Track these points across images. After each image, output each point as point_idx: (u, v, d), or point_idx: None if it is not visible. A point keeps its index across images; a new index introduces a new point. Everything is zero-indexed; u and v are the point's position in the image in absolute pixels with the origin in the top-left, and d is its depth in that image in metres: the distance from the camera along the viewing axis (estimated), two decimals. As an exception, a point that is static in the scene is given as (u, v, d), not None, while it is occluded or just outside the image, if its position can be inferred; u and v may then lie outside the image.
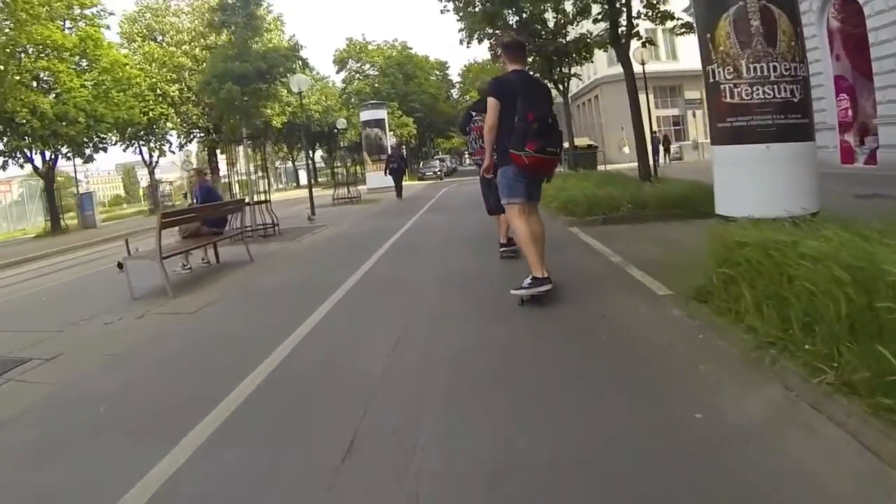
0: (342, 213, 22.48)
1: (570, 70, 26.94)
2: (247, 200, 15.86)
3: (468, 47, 26.54)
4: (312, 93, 67.89)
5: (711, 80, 9.42)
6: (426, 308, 6.95)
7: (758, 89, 8.66)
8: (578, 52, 26.85)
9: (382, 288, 8.36)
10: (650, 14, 19.26)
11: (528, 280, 6.50)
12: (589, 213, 12.61)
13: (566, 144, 29.91)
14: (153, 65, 49.48)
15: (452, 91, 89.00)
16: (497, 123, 6.53)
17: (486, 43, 27.43)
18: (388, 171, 30.55)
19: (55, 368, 6.11)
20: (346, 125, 53.02)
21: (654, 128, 47.96)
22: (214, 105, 49.35)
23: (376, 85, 73.83)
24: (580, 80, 28.14)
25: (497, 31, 25.97)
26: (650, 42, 20.52)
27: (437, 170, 60.32)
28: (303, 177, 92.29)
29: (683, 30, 20.54)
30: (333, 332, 6.34)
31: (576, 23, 26.25)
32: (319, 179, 78.07)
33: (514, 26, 26.26)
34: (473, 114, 9.81)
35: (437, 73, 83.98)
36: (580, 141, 30.56)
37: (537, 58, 26.08)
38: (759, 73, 8.65)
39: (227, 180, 17.77)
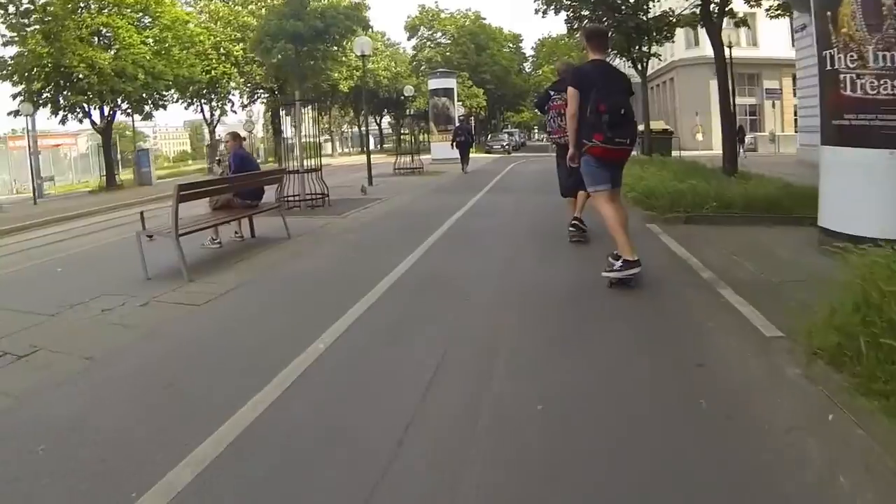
0: (401, 185, 21.51)
1: (649, 49, 25.49)
2: (294, 167, 14.93)
3: (544, 17, 25.40)
4: (381, 58, 67.13)
5: (828, 66, 8.17)
6: (478, 327, 5.70)
7: (886, 83, 7.43)
8: (660, 30, 25.40)
9: (428, 292, 7.04)
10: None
11: (619, 263, 6.67)
12: (670, 209, 11.37)
13: (641, 127, 28.73)
14: (218, 23, 49.22)
15: (525, 65, 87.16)
16: (576, 111, 6.77)
17: (562, 14, 26.14)
18: (454, 144, 29.58)
19: (21, 372, 5.13)
20: (413, 93, 51.68)
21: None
22: (268, 66, 48.03)
23: (447, 54, 72.73)
24: (659, 59, 26.67)
25: (575, 1, 24.86)
26: (743, 22, 18.91)
27: (504, 144, 58.87)
28: (371, 142, 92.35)
29: (779, 12, 19.00)
30: (353, 356, 5.10)
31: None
32: (386, 146, 77.07)
33: None
34: (552, 93, 9.69)
35: (511, 45, 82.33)
36: (656, 125, 29.19)
37: (616, 34, 24.65)
38: (889, 63, 7.41)
39: (291, 141, 16.55)
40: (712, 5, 16.29)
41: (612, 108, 6.52)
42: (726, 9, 16.23)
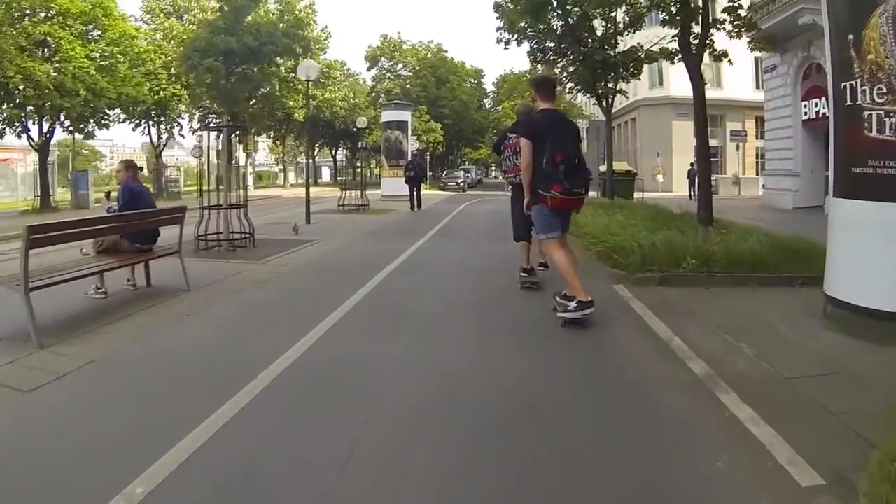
0: (340, 225, 19.55)
1: (615, 85, 23.95)
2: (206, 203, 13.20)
3: (506, 48, 23.98)
4: (339, 88, 65.50)
5: (848, 101, 6.44)
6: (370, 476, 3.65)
7: (924, 122, 5.80)
8: (626, 66, 23.90)
9: (315, 397, 4.96)
10: (732, 20, 15.76)
11: (574, 304, 6.83)
12: (642, 267, 9.57)
13: (602, 168, 27.55)
14: (171, 42, 46.91)
15: (486, 101, 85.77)
16: (531, 162, 7.06)
17: (525, 46, 24.56)
18: (406, 179, 28.09)
19: None
20: (366, 124, 49.61)
21: (692, 160, 46.06)
22: (197, 85, 45.75)
23: (407, 86, 71.27)
24: (625, 97, 25.20)
25: (540, 33, 23.37)
26: (724, 55, 17.29)
27: (460, 181, 57.05)
28: (325, 174, 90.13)
29: (762, 45, 17.59)
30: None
31: (627, 33, 23.74)
32: (341, 179, 74.86)
33: (559, 30, 23.91)
34: (509, 134, 9.53)
35: (472, 80, 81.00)
36: (618, 166, 27.72)
37: (581, 68, 23.13)
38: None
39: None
40: (691, 37, 14.55)
41: (568, 158, 6.77)
42: (707, 41, 14.40)
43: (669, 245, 9.95)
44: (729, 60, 17.67)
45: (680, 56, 21.35)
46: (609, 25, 23.52)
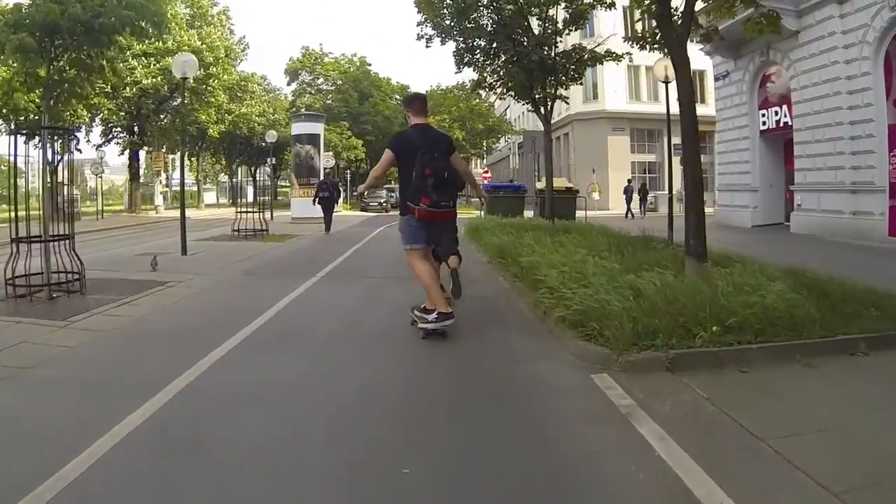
0: (222, 256, 15.61)
1: (555, 91, 20.61)
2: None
3: (428, 46, 20.77)
4: (258, 102, 61.46)
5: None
6: None
7: None
8: (566, 69, 20.68)
9: None
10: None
11: (434, 315, 7.00)
12: (636, 339, 5.90)
13: (541, 186, 24.90)
14: None
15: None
16: (383, 173, 7.82)
17: (451, 45, 21.22)
18: (316, 200, 24.98)
19: None
20: (275, 139, 45.19)
21: (629, 175, 43.72)
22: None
23: (328, 101, 67.93)
24: (566, 102, 22.02)
25: (467, 31, 20.14)
26: (715, 32, 13.81)
27: (382, 201, 52.37)
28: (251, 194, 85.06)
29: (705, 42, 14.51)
30: None
31: (567, 32, 20.81)
32: (264, 199, 70.26)
33: (490, 27, 20.68)
34: None
35: (398, 97, 77.36)
36: (557, 182, 24.71)
37: (515, 70, 19.79)
38: None
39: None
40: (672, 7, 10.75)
41: (436, 172, 6.95)
42: (693, 11, 10.47)
43: (669, 299, 6.48)
44: (719, 35, 14.39)
45: (624, 56, 19.57)
46: (547, 24, 20.33)
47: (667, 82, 16.68)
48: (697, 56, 17.81)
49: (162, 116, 51.69)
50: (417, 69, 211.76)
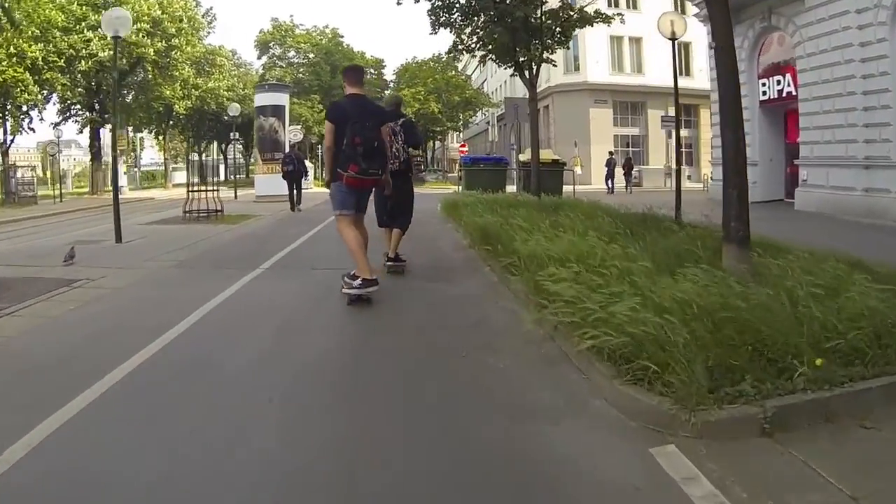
0: (161, 244, 13.25)
1: (541, 53, 18.60)
2: None
3: (399, 3, 18.98)
4: (225, 77, 58.76)
5: None
6: None
7: None
8: (552, 31, 18.72)
9: None
10: None
11: (358, 282, 7.18)
12: (714, 387, 3.76)
13: (525, 157, 23.38)
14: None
15: (387, 92, 79.30)
16: (332, 144, 7.45)
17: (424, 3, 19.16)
18: (283, 174, 23.15)
19: None
20: (238, 112, 42.50)
21: (611, 149, 42.06)
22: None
23: (299, 74, 65.63)
24: (553, 65, 19.96)
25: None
26: None
27: None
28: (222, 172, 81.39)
29: None
30: None
31: None
32: (241, 177, 67.23)
33: None
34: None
35: (373, 71, 74.71)
36: (544, 154, 22.69)
37: (497, 30, 17.79)
38: None
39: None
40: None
41: (366, 141, 7.15)
42: None
43: (741, 317, 4.43)
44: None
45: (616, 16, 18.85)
46: None
47: (673, 39, 14.74)
48: (690, 25, 16.27)
49: (125, 92, 49.00)
50: (392, 42, 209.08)
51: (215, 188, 19.54)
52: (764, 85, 22.84)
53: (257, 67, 70.63)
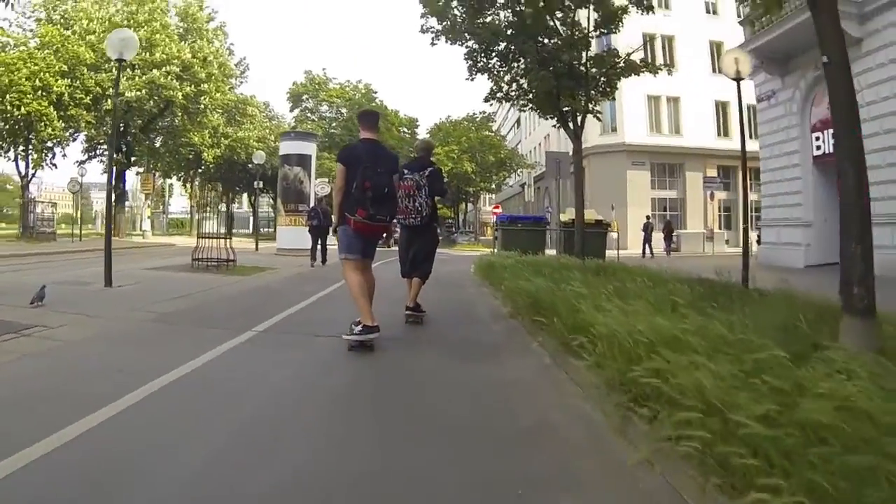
0: (150, 292, 11.70)
1: (587, 103, 17.05)
2: None
3: (433, 44, 17.89)
4: (256, 127, 57.95)
5: None
6: None
7: None
8: (597, 80, 17.26)
9: None
10: None
11: (359, 328, 7.03)
12: None
13: (565, 217, 22.67)
14: (43, 50, 38.12)
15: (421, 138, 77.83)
16: (343, 185, 7.28)
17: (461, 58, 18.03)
18: (309, 228, 22.05)
19: None
20: (263, 159, 41.20)
21: (648, 212, 40.61)
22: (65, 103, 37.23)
23: (332, 129, 64.88)
24: (598, 118, 18.49)
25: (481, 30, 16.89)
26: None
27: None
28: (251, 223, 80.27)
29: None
30: None
31: (598, 33, 17.79)
32: (268, 230, 65.92)
33: (507, 28, 17.56)
34: (405, 171, 9.04)
35: (406, 129, 73.63)
36: (587, 215, 20.94)
37: (539, 74, 16.35)
38: None
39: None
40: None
41: (376, 186, 7.05)
42: None
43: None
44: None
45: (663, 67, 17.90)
46: (575, 30, 17.41)
47: (738, 79, 13.11)
48: (727, 85, 14.83)
49: (153, 136, 48.33)
50: (426, 102, 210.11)
51: (226, 236, 18.00)
52: (818, 139, 21.34)
53: (289, 120, 69.61)
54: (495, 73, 18.37)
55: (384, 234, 7.78)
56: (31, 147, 38.87)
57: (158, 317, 8.99)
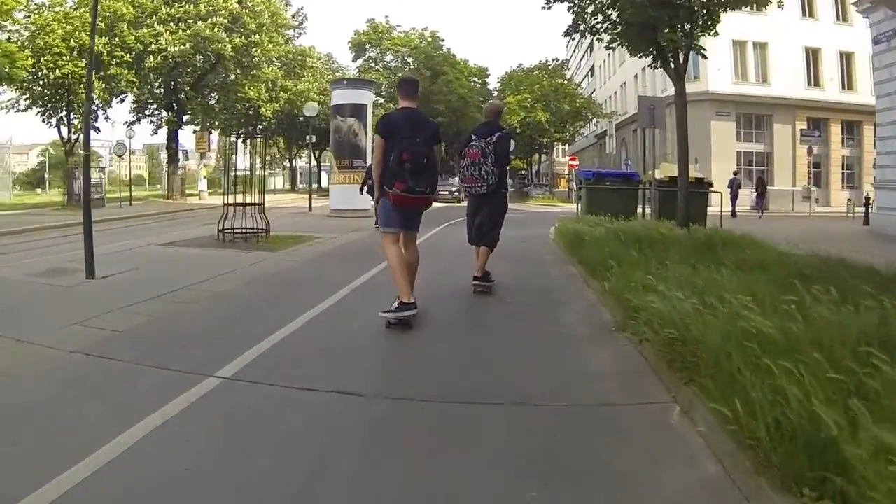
0: (137, 284, 9.13)
1: (690, 35, 13.88)
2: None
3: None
4: (316, 79, 55.60)
5: None
6: None
7: None
8: (700, 10, 14.10)
9: None
10: None
11: (396, 304, 6.72)
12: None
13: (661, 173, 19.01)
14: (80, 8, 35.73)
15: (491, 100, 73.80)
16: (382, 158, 6.88)
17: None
18: (364, 189, 18.02)
19: None
20: (317, 111, 38.34)
21: (734, 167, 38.11)
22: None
23: (397, 77, 61.61)
24: (704, 56, 15.29)
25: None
26: None
27: (454, 189, 44.24)
28: (324, 178, 77.60)
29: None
30: None
31: None
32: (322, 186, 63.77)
33: None
34: (473, 137, 8.91)
35: (476, 79, 70.64)
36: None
37: (630, 13, 13.38)
38: None
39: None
40: None
41: (415, 157, 6.66)
42: None
43: None
44: None
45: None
46: None
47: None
48: (819, 29, 11.87)
49: (206, 93, 46.24)
50: (496, 51, 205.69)
51: (259, 202, 15.18)
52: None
53: (353, 71, 66.82)
54: (577, 2, 15.35)
55: (425, 206, 7.26)
56: (71, 110, 36.63)
57: (105, 339, 6.15)
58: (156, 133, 47.67)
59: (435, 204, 25.33)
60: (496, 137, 8.59)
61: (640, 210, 18.95)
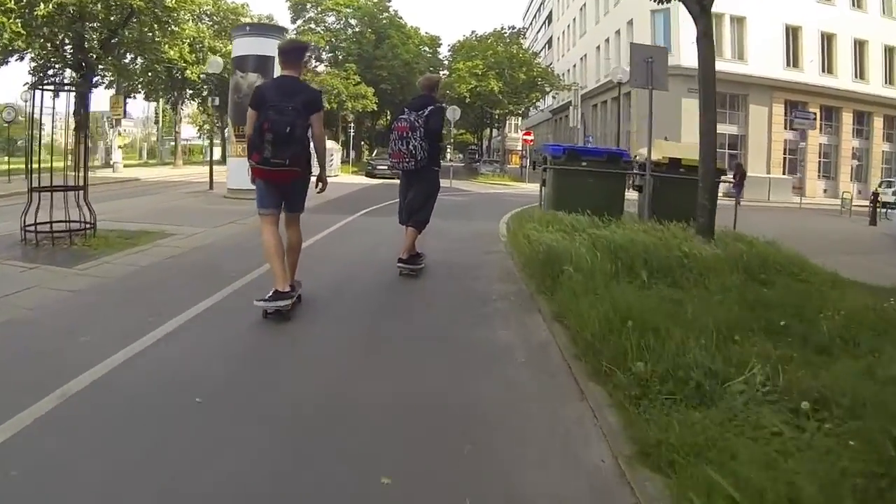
0: None
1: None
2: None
3: None
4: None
5: None
6: None
7: None
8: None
9: None
10: None
11: (270, 293, 6.14)
12: None
13: (656, 155, 13.95)
14: None
15: (442, 70, 69.12)
16: (252, 131, 6.23)
17: None
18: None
19: None
20: (220, 67, 33.48)
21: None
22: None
23: (341, 42, 58.93)
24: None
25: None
26: None
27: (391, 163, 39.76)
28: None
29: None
30: None
31: None
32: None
33: None
34: (405, 110, 8.42)
35: (427, 49, 66.93)
36: (685, 153, 12.97)
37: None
38: None
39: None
40: None
41: (276, 124, 5.92)
42: None
43: None
44: None
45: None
46: None
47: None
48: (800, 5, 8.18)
49: (121, 51, 40.90)
50: (450, 19, 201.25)
51: (78, 186, 10.25)
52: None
53: (291, 32, 62.31)
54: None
55: (291, 181, 6.24)
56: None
57: None
58: (56, 96, 42.28)
59: (372, 179, 20.83)
60: (428, 111, 8.07)
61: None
